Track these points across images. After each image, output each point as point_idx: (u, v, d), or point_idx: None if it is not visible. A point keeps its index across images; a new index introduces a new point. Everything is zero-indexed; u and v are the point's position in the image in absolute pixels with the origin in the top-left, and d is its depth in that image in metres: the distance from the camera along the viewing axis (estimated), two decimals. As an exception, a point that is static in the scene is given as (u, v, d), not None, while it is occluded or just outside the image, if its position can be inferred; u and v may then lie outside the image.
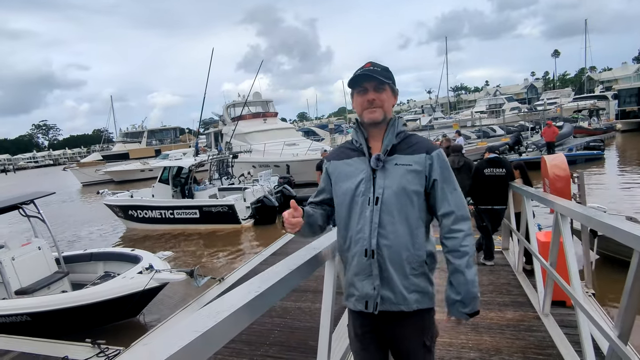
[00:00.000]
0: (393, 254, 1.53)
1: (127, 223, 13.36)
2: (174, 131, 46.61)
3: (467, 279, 1.53)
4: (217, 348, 0.95)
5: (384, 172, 1.56)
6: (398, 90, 1.68)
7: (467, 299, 1.53)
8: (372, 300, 1.56)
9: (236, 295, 1.10)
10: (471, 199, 5.15)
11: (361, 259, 1.56)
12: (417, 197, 1.55)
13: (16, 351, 4.32)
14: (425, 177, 1.55)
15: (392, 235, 1.53)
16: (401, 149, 1.59)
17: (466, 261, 1.54)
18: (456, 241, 1.55)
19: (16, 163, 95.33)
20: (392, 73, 1.64)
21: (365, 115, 1.60)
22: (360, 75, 1.58)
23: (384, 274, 1.53)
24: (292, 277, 1.38)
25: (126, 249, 7.32)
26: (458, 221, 1.56)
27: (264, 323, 4.30)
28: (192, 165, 12.43)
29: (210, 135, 25.77)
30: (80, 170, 34.68)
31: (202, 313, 0.98)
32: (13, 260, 6.00)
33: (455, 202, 1.57)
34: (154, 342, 0.82)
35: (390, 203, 1.53)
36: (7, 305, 5.50)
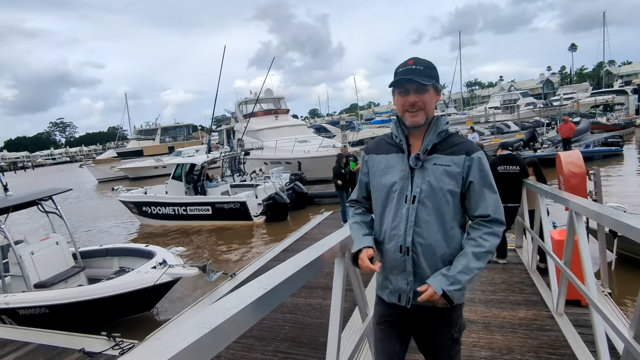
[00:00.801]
0: (427, 251, 1.54)
1: (141, 219, 13.57)
2: (186, 128, 47.09)
3: (468, 265, 1.49)
4: (226, 343, 0.97)
5: (422, 171, 1.55)
6: (442, 87, 1.65)
7: (452, 278, 1.48)
8: (405, 295, 1.60)
9: (246, 292, 1.11)
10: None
11: (396, 255, 1.59)
12: (452, 197, 1.54)
13: (35, 343, 4.44)
14: (463, 178, 1.54)
15: (426, 234, 1.54)
16: (441, 149, 1.57)
17: (479, 252, 1.50)
18: (479, 231, 1.53)
19: (34, 160, 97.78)
20: (436, 70, 1.58)
21: (406, 117, 1.58)
22: (402, 78, 1.54)
23: (417, 270, 1.56)
24: (301, 275, 1.39)
25: (140, 245, 7.44)
26: (492, 222, 1.54)
27: (275, 319, 4.34)
28: (205, 162, 12.55)
29: (222, 132, 25.96)
30: (96, 167, 35.35)
31: (212, 309, 1.00)
32: (32, 255, 6.16)
33: (492, 205, 1.54)
34: (166, 337, 0.84)
35: (427, 202, 1.54)
36: (27, 298, 5.66)
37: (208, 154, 13.52)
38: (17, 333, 4.76)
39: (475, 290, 4.27)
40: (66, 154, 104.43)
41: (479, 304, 3.94)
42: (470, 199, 1.56)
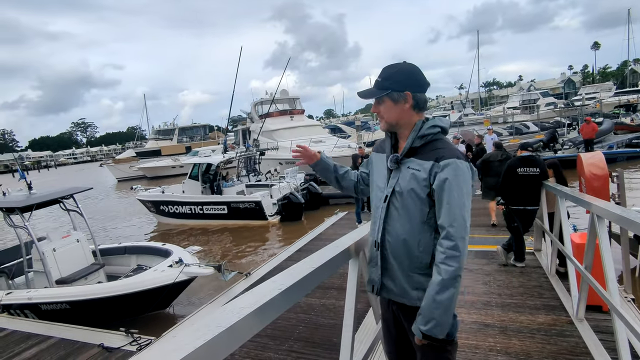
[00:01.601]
0: (394, 249, 1.62)
1: (159, 218, 13.81)
2: (203, 128, 47.71)
3: (435, 299, 1.46)
4: (241, 342, 0.98)
5: (397, 172, 1.63)
6: (408, 94, 1.59)
7: (426, 316, 1.48)
8: (376, 286, 1.72)
9: (260, 292, 1.12)
10: (501, 198, 4.99)
11: (372, 249, 1.73)
12: (421, 202, 1.55)
13: (56, 337, 4.57)
14: (430, 184, 1.53)
15: (394, 232, 1.62)
16: (420, 152, 1.60)
17: (441, 281, 1.45)
18: (439, 256, 1.49)
19: (57, 159, 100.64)
20: (397, 78, 1.59)
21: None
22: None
23: (386, 265, 1.66)
24: (315, 275, 1.40)
25: (157, 244, 7.58)
26: (446, 237, 1.47)
27: (289, 318, 4.35)
28: (221, 162, 12.70)
29: (238, 133, 26.22)
30: (116, 166, 36.14)
31: (227, 309, 1.01)
32: (54, 252, 6.34)
33: (449, 216, 1.47)
34: (182, 335, 0.86)
35: (396, 202, 1.61)
36: (49, 294, 5.82)
37: (224, 154, 13.67)
38: (40, 327, 4.90)
39: (491, 293, 4.21)
40: (87, 154, 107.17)
41: (496, 308, 3.87)
42: (436, 207, 1.53)
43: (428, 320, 1.46)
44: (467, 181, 1.51)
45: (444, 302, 1.45)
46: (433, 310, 1.46)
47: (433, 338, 1.48)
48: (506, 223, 5.05)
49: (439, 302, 1.45)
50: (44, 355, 4.25)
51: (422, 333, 1.48)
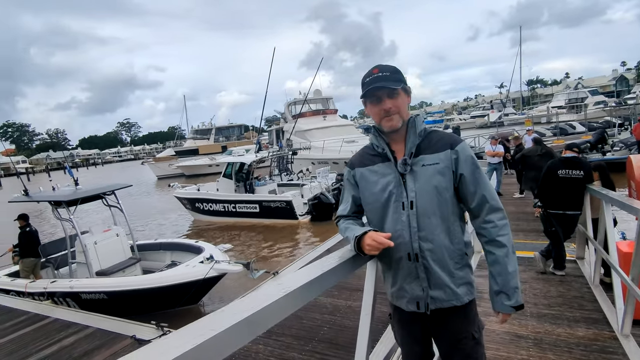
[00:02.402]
0: (436, 255, 1.54)
1: (194, 215, 14.26)
2: (239, 128, 48.85)
3: (508, 270, 1.51)
4: (234, 348, 0.99)
5: (413, 174, 1.54)
6: (410, 88, 1.63)
7: (508, 290, 1.52)
8: (423, 301, 1.59)
9: (261, 296, 1.11)
10: (539, 201, 4.71)
11: (406, 263, 1.58)
12: (449, 194, 1.53)
13: (93, 327, 4.80)
14: (453, 172, 1.53)
15: (432, 237, 1.53)
16: (425, 148, 1.56)
17: (505, 252, 1.52)
18: (493, 231, 1.54)
19: (104, 157, 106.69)
20: (401, 72, 1.59)
21: (383, 124, 1.58)
22: (372, 87, 1.54)
23: (430, 275, 1.55)
24: (323, 279, 1.36)
25: (190, 240, 7.81)
26: (491, 212, 1.54)
27: (314, 319, 4.33)
28: (253, 162, 12.91)
29: (272, 133, 26.58)
30: (156, 164, 37.72)
31: (245, 301, 1.06)
32: (95, 245, 6.68)
33: (486, 191, 1.54)
34: (173, 337, 0.86)
35: (426, 205, 1.52)
36: (89, 284, 6.15)
37: (256, 154, 13.90)
38: (79, 316, 5.17)
39: (526, 302, 3.97)
40: (131, 152, 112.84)
41: (531, 318, 3.65)
42: (465, 192, 1.55)
43: (512, 292, 1.50)
44: None
45: (516, 270, 1.52)
46: (511, 281, 1.50)
47: (519, 306, 1.53)
48: (543, 227, 4.76)
49: (512, 271, 1.51)
50: (81, 343, 4.47)
51: (513, 307, 1.52)
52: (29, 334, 4.90)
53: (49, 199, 6.70)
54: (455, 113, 77.36)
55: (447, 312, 1.58)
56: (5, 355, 4.40)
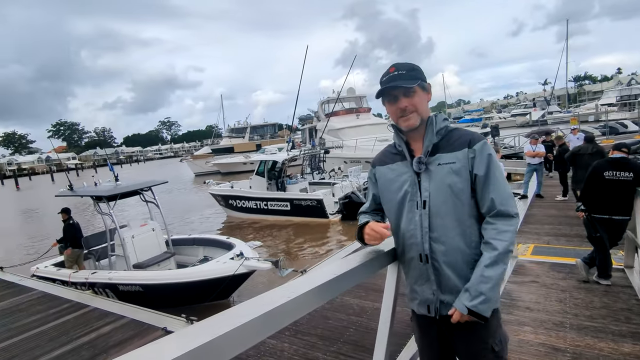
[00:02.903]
0: (448, 257, 1.48)
1: (227, 211, 14.59)
2: (272, 127, 49.53)
3: (484, 272, 1.40)
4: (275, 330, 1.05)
5: (428, 174, 1.50)
6: (430, 85, 1.57)
7: (473, 291, 1.41)
8: (433, 305, 1.54)
9: (265, 301, 1.08)
10: (582, 204, 4.40)
11: (417, 264, 1.54)
12: (465, 195, 1.46)
13: (128, 317, 5.00)
14: (469, 172, 1.46)
15: (444, 239, 1.47)
16: (443, 147, 1.50)
17: (493, 255, 1.40)
18: (491, 233, 1.44)
19: (146, 154, 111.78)
20: (419, 69, 1.54)
21: (401, 123, 1.54)
22: (387, 87, 1.50)
23: (441, 278, 1.50)
24: (337, 282, 1.31)
25: (222, 237, 8.00)
26: (497, 216, 1.44)
27: (340, 319, 4.28)
28: (285, 160, 13.02)
29: (305, 131, 26.71)
30: (194, 162, 38.97)
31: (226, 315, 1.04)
32: (133, 239, 6.97)
33: (498, 192, 1.44)
34: (168, 340, 0.85)
35: (439, 206, 1.47)
36: (127, 276, 6.42)
37: (288, 152, 14.01)
38: (116, 307, 5.41)
39: (566, 313, 3.73)
40: (171, 150, 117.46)
41: (570, 330, 3.42)
42: (477, 194, 1.47)
43: (475, 295, 1.39)
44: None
45: (493, 278, 1.39)
46: (481, 284, 1.39)
47: (478, 315, 1.40)
48: (587, 233, 4.45)
49: (488, 277, 1.39)
50: (117, 333, 4.67)
51: (468, 309, 1.40)
52: (71, 321, 5.18)
53: (90, 194, 7.06)
54: (495, 111, 74.46)
55: (460, 322, 1.49)
56: (48, 341, 4.67)
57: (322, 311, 4.46)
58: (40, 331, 4.97)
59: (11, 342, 4.75)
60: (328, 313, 4.42)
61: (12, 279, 7.33)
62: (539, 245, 5.87)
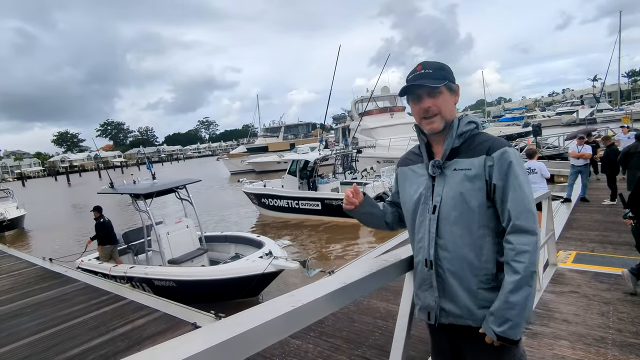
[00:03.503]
0: (453, 265, 1.42)
1: (260, 210, 14.84)
2: (306, 126, 49.79)
3: (509, 299, 1.32)
4: (296, 329, 1.11)
5: (442, 178, 1.45)
6: (458, 86, 1.52)
7: (499, 317, 1.33)
8: (433, 312, 1.50)
9: (269, 308, 1.07)
10: (630, 211, 4.08)
11: (423, 269, 1.51)
12: (478, 204, 1.39)
13: (161, 311, 5.20)
14: (486, 181, 1.38)
15: (451, 246, 1.42)
16: (463, 152, 1.44)
17: (515, 280, 1.32)
18: (509, 254, 1.35)
19: (185, 153, 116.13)
20: (448, 69, 1.49)
21: (424, 125, 1.50)
22: (410, 85, 1.45)
23: (443, 286, 1.46)
24: (346, 292, 1.27)
25: (253, 235, 8.13)
26: (513, 232, 1.35)
27: (367, 323, 4.23)
28: (317, 159, 13.05)
29: (338, 130, 26.68)
30: (229, 160, 39.98)
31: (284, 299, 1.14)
32: (168, 235, 7.23)
33: (516, 206, 1.35)
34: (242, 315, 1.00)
35: (448, 212, 1.42)
36: (162, 271, 6.67)
37: (320, 151, 14.04)
38: (150, 300, 5.63)
39: (608, 327, 3.47)
40: (209, 149, 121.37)
41: (612, 347, 3.17)
42: (497, 204, 1.39)
43: (503, 321, 1.33)
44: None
45: (519, 303, 1.32)
46: (507, 310, 1.32)
47: (508, 340, 1.34)
48: (635, 242, 4.12)
49: (514, 302, 1.32)
50: (150, 326, 4.86)
51: (496, 335, 1.34)
52: (109, 312, 5.45)
53: (129, 192, 7.39)
54: (538, 109, 70.94)
55: (467, 332, 1.44)
56: (89, 330, 4.94)
57: (348, 313, 4.43)
58: (82, 320, 5.26)
59: (56, 329, 5.07)
60: (354, 315, 4.38)
61: (59, 270, 7.83)
62: (582, 253, 5.52)
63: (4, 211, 16.86)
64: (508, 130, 26.06)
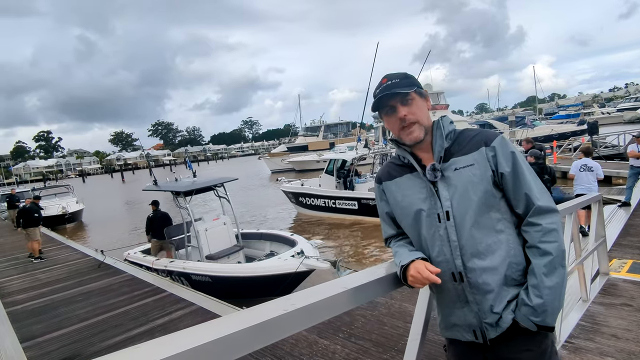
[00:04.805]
0: (485, 271, 1.30)
1: (297, 208, 14.98)
2: (346, 125, 49.66)
3: (545, 283, 1.24)
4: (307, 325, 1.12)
5: (445, 181, 1.35)
6: (427, 91, 1.45)
7: (538, 307, 1.25)
8: (479, 329, 1.36)
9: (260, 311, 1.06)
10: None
11: (451, 285, 1.36)
12: (492, 197, 1.31)
13: (197, 305, 5.38)
14: (493, 172, 1.31)
15: (476, 251, 1.31)
16: (457, 150, 1.37)
17: (547, 261, 1.25)
18: (536, 235, 1.28)
19: (229, 152, 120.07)
20: (413, 77, 1.44)
21: (404, 137, 1.40)
22: (380, 97, 1.38)
23: (481, 296, 1.32)
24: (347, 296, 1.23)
25: (287, 233, 8.22)
26: (538, 213, 1.28)
27: (397, 327, 4.13)
28: (354, 159, 12.95)
29: (378, 129, 26.38)
30: (270, 159, 40.77)
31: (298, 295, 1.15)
32: (206, 231, 7.48)
33: (532, 189, 1.30)
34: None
35: (465, 214, 1.31)
36: (200, 267, 6.92)
37: (357, 151, 13.93)
38: (188, 294, 5.84)
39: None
40: (252, 148, 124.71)
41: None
42: (509, 193, 1.32)
43: (542, 310, 1.24)
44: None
45: (556, 287, 1.25)
46: (546, 297, 1.24)
47: (546, 328, 1.28)
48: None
49: (551, 287, 1.24)
50: (186, 319, 5.05)
51: (537, 325, 1.26)
52: (150, 303, 5.73)
53: (170, 189, 7.73)
54: (597, 106, 65.96)
55: (503, 337, 1.33)
56: (130, 320, 5.22)
57: (378, 316, 4.35)
58: (125, 310, 5.57)
59: (102, 317, 5.41)
60: (385, 319, 4.30)
61: (109, 261, 8.35)
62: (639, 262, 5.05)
63: (66, 205, 18.25)
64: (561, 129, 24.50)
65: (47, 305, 6.18)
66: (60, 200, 19.32)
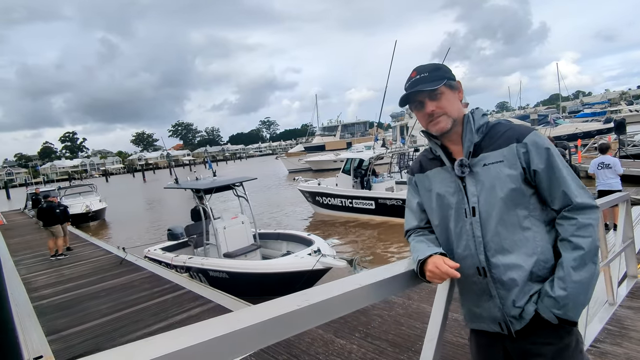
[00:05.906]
0: (509, 267, 1.30)
1: (314, 208, 15.00)
2: (363, 125, 49.46)
3: (572, 277, 1.22)
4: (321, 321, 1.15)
5: (473, 177, 1.34)
6: (460, 82, 1.41)
7: (560, 299, 1.23)
8: (503, 322, 1.36)
9: (276, 305, 1.06)
10: None
11: (476, 279, 1.37)
12: (520, 195, 1.29)
13: (214, 302, 5.46)
14: (524, 169, 1.29)
15: (500, 247, 1.31)
16: (487, 145, 1.34)
17: (577, 255, 1.22)
18: (569, 229, 1.25)
19: (247, 152, 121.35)
20: (445, 67, 1.41)
21: (430, 128, 1.40)
22: (409, 93, 1.38)
23: (504, 292, 1.32)
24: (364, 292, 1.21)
25: (304, 233, 8.26)
26: (576, 209, 1.25)
27: (414, 327, 4.07)
28: (371, 158, 12.88)
29: (396, 129, 26.17)
30: (288, 159, 40.99)
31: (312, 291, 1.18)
32: (224, 230, 7.57)
33: (569, 190, 1.26)
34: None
35: (491, 211, 1.31)
36: (218, 264, 7.01)
37: (374, 150, 13.84)
38: (206, 291, 5.93)
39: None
40: (269, 147, 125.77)
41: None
42: (544, 191, 1.29)
43: (564, 304, 1.23)
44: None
45: (583, 282, 1.22)
46: (572, 292, 1.22)
47: (569, 322, 1.27)
48: None
49: (578, 281, 1.22)
50: (204, 315, 5.12)
51: (559, 318, 1.25)
52: (169, 300, 5.83)
53: (190, 187, 7.87)
54: (624, 103, 63.63)
55: (527, 331, 1.33)
56: (150, 316, 5.33)
57: (395, 316, 4.31)
58: (145, 306, 5.69)
59: (123, 313, 5.54)
60: (402, 319, 4.25)
61: (130, 258, 8.54)
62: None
63: (90, 204, 18.80)
64: (585, 127, 23.78)
65: (71, 300, 6.37)
66: (84, 198, 19.90)
